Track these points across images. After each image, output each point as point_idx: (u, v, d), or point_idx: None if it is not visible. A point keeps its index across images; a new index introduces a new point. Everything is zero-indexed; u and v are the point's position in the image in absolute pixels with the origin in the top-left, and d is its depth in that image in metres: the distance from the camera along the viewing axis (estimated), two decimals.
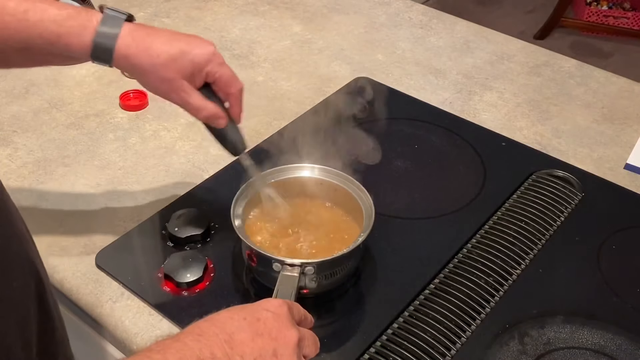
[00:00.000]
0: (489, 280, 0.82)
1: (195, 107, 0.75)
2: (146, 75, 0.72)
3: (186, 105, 0.75)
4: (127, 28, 0.70)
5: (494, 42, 1.31)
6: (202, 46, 0.72)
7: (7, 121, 1.07)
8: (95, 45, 0.69)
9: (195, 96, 0.74)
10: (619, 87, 1.20)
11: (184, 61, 0.71)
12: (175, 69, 0.71)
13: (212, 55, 0.73)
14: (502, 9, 3.34)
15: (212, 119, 0.76)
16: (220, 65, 0.73)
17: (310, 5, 1.41)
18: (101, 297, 0.81)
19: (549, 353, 0.75)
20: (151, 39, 0.71)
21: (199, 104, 0.74)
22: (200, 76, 0.73)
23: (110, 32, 0.69)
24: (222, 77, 0.74)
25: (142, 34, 0.71)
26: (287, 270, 0.73)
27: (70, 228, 0.89)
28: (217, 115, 0.76)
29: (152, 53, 0.70)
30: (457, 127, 1.08)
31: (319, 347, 0.61)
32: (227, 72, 0.74)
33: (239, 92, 0.76)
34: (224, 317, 0.56)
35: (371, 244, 0.85)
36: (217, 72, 0.73)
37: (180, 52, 0.71)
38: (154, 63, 0.71)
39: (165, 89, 0.74)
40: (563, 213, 0.92)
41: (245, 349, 0.54)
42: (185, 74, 0.72)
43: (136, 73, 0.73)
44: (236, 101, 0.77)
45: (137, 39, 0.70)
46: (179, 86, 0.73)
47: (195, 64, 0.72)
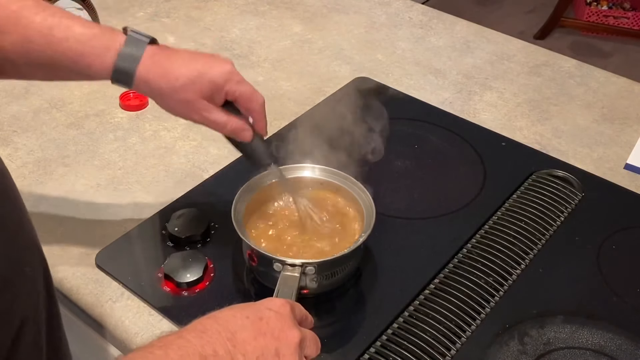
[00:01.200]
0: (489, 280, 0.82)
1: (219, 123, 0.75)
2: (166, 98, 0.73)
3: (209, 122, 0.75)
4: (149, 52, 0.71)
5: (494, 42, 1.31)
6: (219, 66, 0.73)
7: (7, 121, 1.07)
8: (116, 68, 0.70)
9: (216, 113, 0.74)
10: (619, 87, 1.20)
11: (203, 82, 0.72)
12: (194, 90, 0.72)
13: (229, 74, 0.73)
14: (502, 9, 3.34)
15: (237, 133, 0.76)
16: (239, 83, 0.74)
17: (310, 5, 1.41)
18: (101, 297, 0.81)
19: (549, 353, 0.75)
20: (170, 62, 0.71)
21: (222, 119, 0.75)
22: (219, 95, 0.74)
23: (132, 55, 0.70)
24: (242, 95, 0.74)
25: (161, 58, 0.71)
26: (288, 270, 0.73)
27: (70, 228, 0.89)
28: (241, 128, 0.76)
29: (170, 77, 0.71)
30: (457, 127, 1.08)
31: (320, 348, 0.61)
32: (246, 89, 0.74)
33: (260, 106, 0.76)
34: (226, 315, 0.56)
35: (371, 244, 0.85)
36: (236, 91, 0.74)
37: (198, 74, 0.71)
38: (173, 87, 0.71)
39: (185, 111, 0.74)
40: (563, 213, 0.92)
41: (248, 348, 0.54)
42: (204, 94, 0.72)
43: (156, 96, 0.74)
44: (259, 115, 0.77)
45: (157, 63, 0.71)
46: (199, 107, 0.73)
47: (213, 84, 0.72)
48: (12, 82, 1.15)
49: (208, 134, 1.05)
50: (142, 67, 0.70)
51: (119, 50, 0.69)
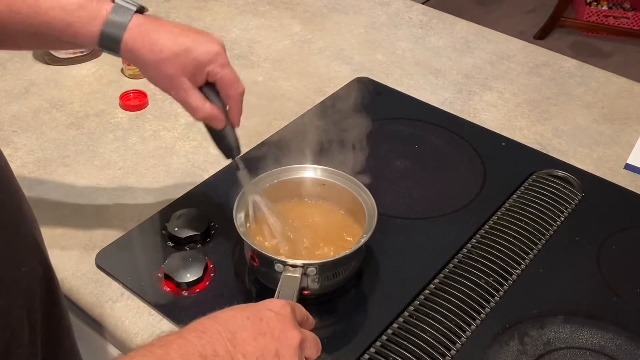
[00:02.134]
0: (489, 280, 0.82)
1: (193, 107, 0.75)
2: (148, 69, 0.73)
3: (184, 103, 0.75)
4: (136, 21, 0.71)
5: (494, 42, 1.31)
6: (207, 45, 0.72)
7: (7, 121, 1.07)
8: (103, 36, 0.70)
9: (193, 96, 0.74)
10: (619, 87, 1.20)
11: (187, 59, 0.71)
12: (177, 65, 0.72)
13: (215, 55, 0.72)
14: (502, 9, 3.34)
15: (209, 120, 0.76)
16: (223, 66, 0.73)
17: (310, 5, 1.41)
18: (101, 297, 0.81)
19: (549, 353, 0.75)
20: (157, 34, 0.71)
21: (196, 104, 0.74)
22: (201, 75, 0.73)
23: (118, 24, 0.70)
24: (222, 78, 0.74)
25: (149, 28, 0.71)
26: (289, 271, 0.73)
27: (70, 228, 0.89)
28: (214, 117, 0.76)
29: (155, 48, 0.71)
30: (457, 127, 1.08)
31: (321, 349, 0.61)
32: (228, 73, 0.74)
33: (238, 95, 0.76)
34: (227, 315, 0.56)
35: (372, 244, 0.85)
36: (218, 73, 0.73)
37: (184, 49, 0.71)
38: (156, 58, 0.71)
39: (165, 85, 0.74)
40: (563, 213, 0.92)
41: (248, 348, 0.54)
42: (186, 71, 0.72)
43: (139, 66, 0.74)
44: (235, 104, 0.76)
45: (143, 33, 0.71)
46: (179, 84, 0.73)
47: (197, 62, 0.72)
48: (12, 82, 1.15)
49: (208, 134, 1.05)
50: (128, 36, 0.70)
51: (105, 19, 0.69)
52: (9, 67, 1.19)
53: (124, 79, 1.17)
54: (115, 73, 1.18)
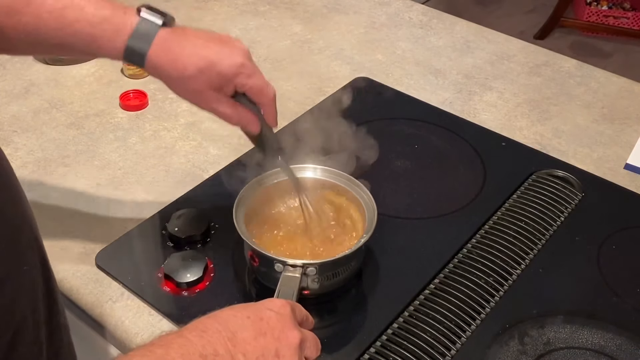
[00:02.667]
0: (489, 280, 0.82)
1: (225, 116, 0.74)
2: (174, 85, 0.73)
3: (217, 114, 0.75)
4: (160, 37, 0.69)
5: (494, 42, 1.31)
6: (231, 57, 0.71)
7: (7, 121, 1.07)
8: (127, 51, 0.69)
9: (223, 105, 0.73)
10: (619, 87, 1.20)
11: (212, 73, 0.70)
12: (203, 81, 0.71)
13: (239, 67, 0.71)
14: (502, 9, 3.34)
15: (244, 125, 0.76)
16: (249, 77, 0.72)
17: (310, 5, 1.41)
18: (101, 297, 0.81)
19: (549, 353, 0.75)
20: (180, 49, 0.70)
21: (228, 112, 0.74)
22: (228, 87, 0.72)
23: (142, 40, 0.69)
24: (252, 89, 0.73)
25: (173, 44, 0.70)
26: (289, 270, 0.73)
27: (70, 228, 0.89)
28: (248, 122, 0.75)
29: (179, 65, 0.70)
30: (457, 127, 1.08)
31: (320, 349, 0.61)
32: (256, 83, 0.73)
33: (270, 100, 0.75)
34: (227, 315, 0.56)
35: (372, 244, 0.85)
36: (245, 84, 0.72)
37: (208, 64, 0.70)
38: (181, 75, 0.70)
39: (194, 100, 0.74)
40: (563, 213, 0.92)
41: (248, 348, 0.54)
42: (213, 85, 0.71)
43: (165, 82, 0.73)
44: (268, 109, 0.76)
45: (167, 49, 0.70)
46: (207, 97, 0.72)
47: (222, 77, 0.71)
48: (12, 82, 1.15)
49: (208, 134, 1.05)
50: (152, 53, 0.69)
51: (129, 35, 0.68)
52: (9, 67, 1.19)
53: (124, 79, 1.17)
54: (115, 73, 1.18)
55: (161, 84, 1.17)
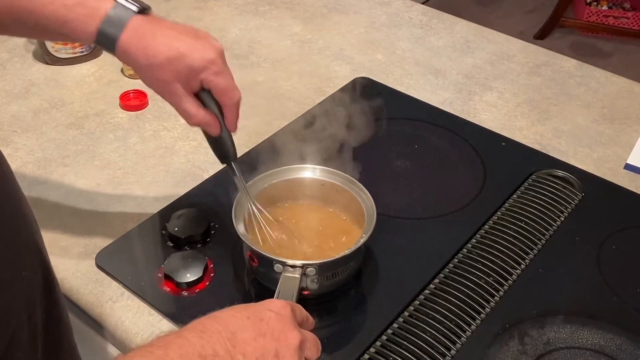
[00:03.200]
0: (489, 280, 0.82)
1: (186, 113, 0.74)
2: (142, 72, 0.72)
3: (177, 109, 0.74)
4: (134, 23, 0.69)
5: (494, 42, 1.31)
6: (202, 51, 0.71)
7: (7, 121, 1.07)
8: (99, 35, 0.69)
9: (187, 102, 0.73)
10: (619, 87, 1.20)
11: (180, 65, 0.70)
12: (170, 71, 0.70)
13: (209, 62, 0.71)
14: (502, 9, 3.34)
15: (203, 127, 0.75)
16: (216, 74, 0.71)
17: (310, 5, 1.41)
18: (101, 297, 0.81)
19: (549, 353, 0.75)
20: (152, 38, 0.70)
21: (190, 110, 0.73)
22: (195, 81, 0.72)
23: (115, 25, 0.69)
24: (217, 87, 0.72)
25: (146, 31, 0.70)
26: (289, 271, 0.73)
27: (70, 228, 0.89)
28: (208, 124, 0.75)
29: (149, 53, 0.70)
30: (457, 127, 1.08)
31: (320, 350, 0.61)
32: (221, 82, 0.72)
33: (232, 103, 0.74)
34: (227, 315, 0.56)
35: (371, 244, 0.85)
36: (211, 81, 0.72)
37: (178, 55, 0.70)
38: (150, 63, 0.70)
39: (159, 89, 0.73)
40: (563, 213, 0.92)
41: (248, 348, 0.54)
42: (180, 77, 0.71)
43: (133, 68, 0.73)
44: (229, 112, 0.75)
45: (139, 36, 0.69)
46: (172, 90, 0.72)
47: (190, 69, 0.70)
48: (12, 82, 1.15)
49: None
50: (123, 39, 0.69)
51: (102, 19, 0.68)
52: (9, 67, 1.19)
53: (124, 79, 1.17)
54: (115, 73, 1.18)
55: None
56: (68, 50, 1.17)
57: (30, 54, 1.22)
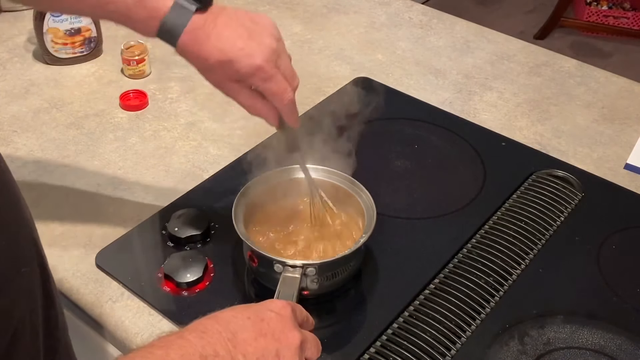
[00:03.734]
0: (489, 280, 0.82)
1: (243, 106, 0.76)
2: (199, 71, 0.74)
3: (237, 102, 0.76)
4: (192, 24, 0.70)
5: (494, 42, 1.31)
6: (250, 57, 0.71)
7: (7, 121, 1.07)
8: (160, 36, 0.71)
9: (243, 96, 0.74)
10: (619, 87, 1.20)
11: (230, 70, 0.71)
12: (221, 74, 0.72)
13: (256, 69, 0.71)
14: (502, 9, 3.34)
15: (262, 117, 0.77)
16: (264, 80, 0.72)
17: (310, 5, 1.41)
18: (101, 297, 0.81)
19: (549, 353, 0.75)
20: (207, 39, 0.70)
21: (246, 102, 0.75)
22: (246, 82, 0.73)
23: (174, 27, 0.70)
24: (264, 92, 0.73)
25: (201, 34, 0.70)
26: (289, 271, 0.73)
27: (70, 228, 0.89)
28: (265, 116, 0.76)
29: (201, 56, 0.71)
30: (457, 127, 1.08)
31: (321, 350, 0.61)
32: (270, 87, 0.73)
33: (284, 105, 0.75)
34: (228, 316, 0.56)
35: (371, 244, 0.85)
36: (259, 87, 0.73)
37: (227, 61, 0.71)
38: (203, 66, 0.72)
39: (216, 86, 0.75)
40: (563, 213, 0.92)
41: (248, 349, 0.54)
42: (232, 79, 0.73)
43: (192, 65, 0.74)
44: (284, 112, 0.76)
45: (195, 39, 0.70)
46: (227, 87, 0.74)
47: (239, 75, 0.72)
48: (12, 82, 1.15)
49: (208, 134, 1.05)
50: (182, 40, 0.70)
51: (161, 20, 0.69)
52: (9, 67, 1.19)
53: (124, 79, 1.17)
54: (115, 73, 1.18)
55: (161, 83, 1.18)
56: (68, 50, 1.18)
57: (30, 54, 1.22)
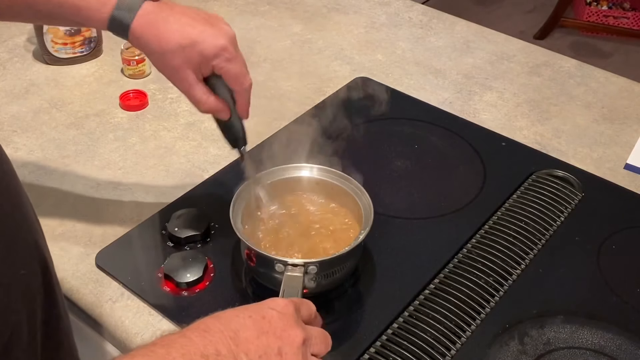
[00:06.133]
0: (489, 280, 0.82)
1: (196, 100, 0.75)
2: (154, 58, 0.73)
3: (188, 95, 0.75)
4: (145, 9, 0.70)
5: (494, 42, 1.31)
6: (214, 38, 0.72)
7: (7, 121, 1.07)
8: (111, 22, 0.70)
9: (197, 89, 0.74)
10: (619, 87, 1.20)
11: (192, 52, 0.71)
12: (182, 57, 0.72)
13: (220, 49, 0.72)
14: (502, 9, 3.34)
15: (212, 113, 0.77)
16: (228, 60, 0.73)
17: (310, 5, 1.41)
18: (101, 297, 0.81)
19: (549, 353, 0.75)
20: (165, 24, 0.71)
21: (200, 97, 0.74)
22: (207, 67, 0.73)
23: (127, 12, 0.70)
24: (228, 73, 0.74)
25: (158, 17, 0.71)
26: (291, 270, 0.73)
27: (70, 228, 0.89)
28: (217, 110, 0.76)
29: (161, 39, 0.71)
30: (457, 127, 1.08)
31: (330, 344, 0.60)
32: (233, 68, 0.73)
33: (243, 89, 0.76)
34: (229, 315, 0.56)
35: (371, 244, 0.85)
36: (222, 68, 0.73)
37: (190, 42, 0.71)
38: (162, 49, 0.71)
39: (170, 75, 0.75)
40: (563, 213, 0.92)
41: (250, 347, 0.54)
42: (192, 63, 0.72)
43: (145, 54, 0.74)
44: (241, 98, 0.76)
45: (151, 22, 0.70)
46: (183, 76, 0.73)
47: (202, 56, 0.72)
48: (12, 82, 1.15)
49: (208, 134, 1.05)
50: (136, 24, 0.70)
51: (114, 6, 0.69)
52: (9, 67, 1.19)
53: (124, 79, 1.17)
54: (115, 73, 1.18)
55: (161, 83, 1.18)
56: (68, 50, 1.18)
57: (30, 54, 1.22)
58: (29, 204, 0.62)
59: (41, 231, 0.65)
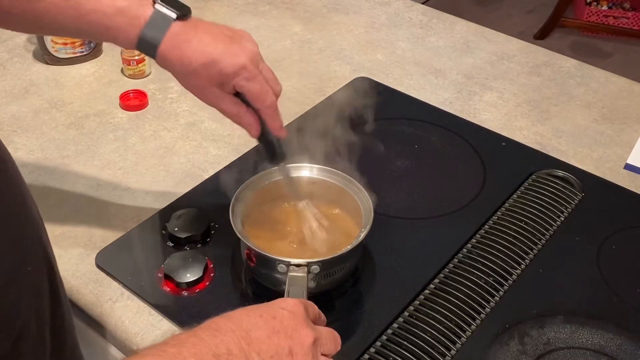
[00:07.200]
0: (489, 280, 0.82)
1: (227, 114, 0.75)
2: (180, 79, 0.74)
3: (219, 110, 0.75)
4: (173, 31, 0.70)
5: (494, 42, 1.31)
6: (233, 57, 0.71)
7: (7, 121, 1.07)
8: (139, 44, 0.70)
9: (225, 103, 0.74)
10: (619, 87, 1.20)
11: (213, 70, 0.71)
12: (205, 77, 0.72)
13: (239, 68, 0.72)
14: (502, 9, 3.34)
15: (244, 127, 0.76)
16: (248, 80, 0.72)
17: (310, 5, 1.41)
18: (101, 297, 0.81)
19: (549, 353, 0.75)
20: (188, 45, 0.71)
21: (231, 110, 0.74)
22: (229, 86, 0.73)
23: (154, 35, 0.70)
24: (248, 92, 0.73)
25: (182, 40, 0.71)
26: (294, 270, 0.73)
27: (70, 228, 0.89)
28: (248, 124, 0.76)
29: (184, 60, 0.71)
30: (457, 127, 1.08)
31: (340, 344, 0.60)
32: (253, 87, 0.73)
33: (267, 107, 0.75)
34: (240, 314, 0.56)
35: (371, 244, 0.85)
36: (243, 87, 0.73)
37: (210, 62, 0.71)
38: (186, 71, 0.72)
39: (198, 94, 0.75)
40: (563, 213, 0.92)
41: (262, 346, 0.54)
42: (214, 82, 0.72)
43: (173, 75, 0.74)
44: (265, 115, 0.75)
45: (176, 45, 0.71)
46: (210, 93, 0.73)
47: (223, 75, 0.72)
48: (12, 82, 1.15)
49: (208, 134, 1.06)
50: (163, 47, 0.70)
51: (142, 27, 0.69)
52: (9, 67, 1.19)
53: (124, 79, 1.17)
54: (115, 73, 1.18)
55: (161, 83, 1.18)
56: (68, 50, 1.17)
57: (30, 54, 1.22)
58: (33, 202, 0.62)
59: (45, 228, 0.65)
